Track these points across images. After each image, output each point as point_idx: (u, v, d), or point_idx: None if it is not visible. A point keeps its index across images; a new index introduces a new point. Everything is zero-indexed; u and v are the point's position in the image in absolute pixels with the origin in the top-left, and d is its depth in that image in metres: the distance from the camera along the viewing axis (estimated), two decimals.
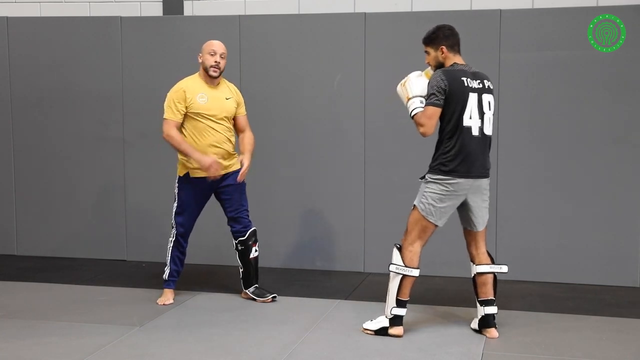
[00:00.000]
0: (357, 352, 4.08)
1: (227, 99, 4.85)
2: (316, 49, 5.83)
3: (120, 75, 6.14)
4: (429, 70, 4.37)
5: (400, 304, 4.26)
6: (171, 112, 4.75)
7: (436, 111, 4.14)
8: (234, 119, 4.91)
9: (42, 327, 4.55)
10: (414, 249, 4.24)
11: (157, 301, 4.94)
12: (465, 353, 4.06)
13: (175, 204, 4.91)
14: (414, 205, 4.30)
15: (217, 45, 4.77)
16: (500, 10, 5.51)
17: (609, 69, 5.39)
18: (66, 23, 6.22)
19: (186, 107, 4.73)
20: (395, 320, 4.27)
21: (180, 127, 4.79)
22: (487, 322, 4.33)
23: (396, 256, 4.27)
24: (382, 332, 4.30)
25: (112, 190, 6.25)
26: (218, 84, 4.83)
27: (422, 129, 4.17)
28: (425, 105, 4.17)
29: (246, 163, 4.90)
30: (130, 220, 6.25)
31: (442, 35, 4.25)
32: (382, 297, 5.09)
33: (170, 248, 4.95)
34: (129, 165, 6.21)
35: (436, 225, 4.25)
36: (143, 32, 6.11)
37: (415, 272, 4.24)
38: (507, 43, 5.49)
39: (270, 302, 4.98)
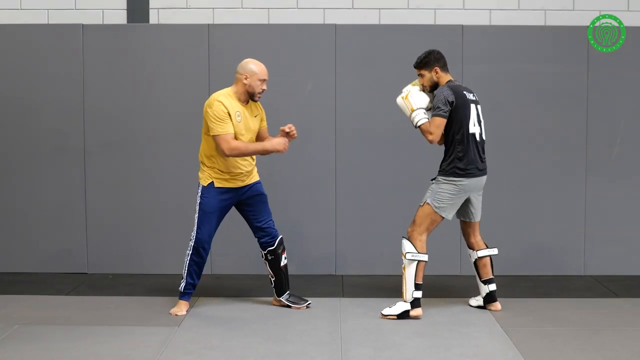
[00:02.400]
0: (400, 334, 4.46)
1: (254, 116, 4.88)
2: (287, 59, 6.01)
3: (82, 84, 6.01)
4: (417, 82, 4.94)
5: (417, 287, 4.74)
6: (225, 126, 4.66)
7: (443, 122, 4.72)
8: (258, 132, 4.95)
9: (86, 331, 4.48)
10: (423, 238, 4.77)
11: (170, 311, 4.89)
12: (486, 332, 4.46)
13: (197, 215, 4.83)
14: (426, 202, 4.79)
15: (266, 73, 4.79)
16: (462, 25, 5.99)
17: (558, 81, 6.00)
18: (23, 31, 6.02)
19: None
20: (415, 303, 4.74)
21: (208, 144, 4.79)
22: (492, 297, 4.96)
23: (408, 246, 4.76)
24: (404, 315, 4.74)
25: (72, 202, 6.07)
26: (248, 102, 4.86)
27: (431, 137, 4.75)
28: (434, 116, 4.73)
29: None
30: (91, 233, 6.09)
31: (433, 58, 4.86)
32: (371, 294, 5.38)
33: (188, 261, 4.85)
34: (90, 176, 6.07)
35: (443, 218, 4.78)
36: (106, 40, 6.03)
37: (427, 257, 4.78)
38: (469, 56, 5.96)
39: (304, 309, 5.05)
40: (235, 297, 5.31)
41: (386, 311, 4.80)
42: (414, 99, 4.81)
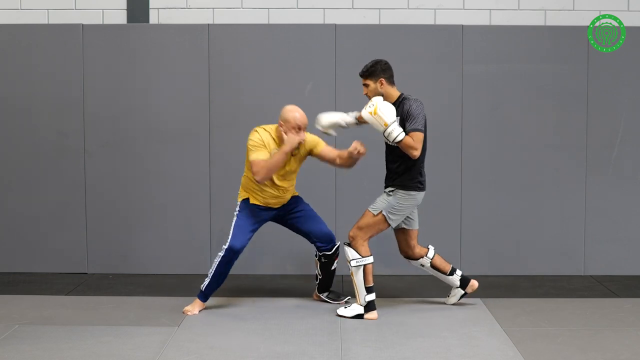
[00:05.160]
0: (402, 335, 4.47)
1: (292, 155, 4.88)
2: (287, 59, 6.01)
3: (82, 84, 6.01)
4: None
5: (369, 290, 4.79)
6: (257, 153, 4.74)
7: (422, 136, 4.70)
8: (322, 156, 4.96)
9: (86, 331, 4.49)
10: (366, 243, 4.82)
11: (184, 309, 4.90)
12: (486, 332, 4.47)
13: (233, 224, 4.91)
14: (380, 212, 4.80)
15: (303, 120, 4.80)
16: (462, 25, 5.99)
17: (558, 81, 5.99)
18: (23, 31, 6.02)
19: None
20: (370, 306, 4.79)
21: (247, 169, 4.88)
22: (466, 280, 5.03)
23: (352, 252, 4.80)
24: (357, 318, 4.79)
25: (72, 202, 6.07)
26: None
27: (415, 152, 4.70)
28: (414, 131, 4.67)
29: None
30: (91, 233, 6.09)
31: (380, 68, 4.80)
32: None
33: (217, 266, 4.87)
34: (90, 176, 6.07)
35: (388, 226, 4.85)
36: (106, 40, 6.03)
37: (372, 259, 4.84)
38: (469, 56, 5.96)
39: (343, 304, 5.11)
40: (235, 297, 5.31)
41: (341, 311, 4.86)
42: (384, 113, 4.64)
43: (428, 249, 5.01)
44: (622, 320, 4.76)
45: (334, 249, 5.08)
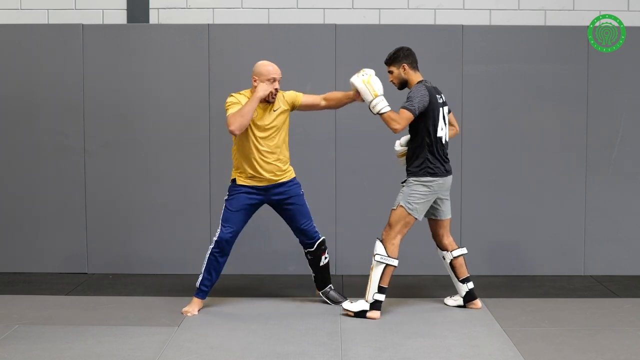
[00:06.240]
0: (402, 335, 4.45)
1: (274, 111, 4.86)
2: (287, 59, 5.96)
3: (82, 84, 6.02)
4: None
5: (381, 290, 4.78)
6: (233, 108, 4.69)
7: (411, 117, 4.73)
8: (304, 105, 4.99)
9: (86, 331, 4.50)
10: (396, 242, 4.80)
11: (183, 310, 4.89)
12: (486, 332, 4.47)
13: (222, 214, 4.88)
14: (399, 204, 4.82)
15: (276, 71, 4.82)
16: (462, 25, 6.00)
17: (558, 81, 6.00)
18: (23, 31, 6.02)
19: None
20: (375, 305, 4.78)
21: (234, 145, 4.88)
22: (472, 295, 5.02)
23: (380, 248, 4.80)
24: (361, 314, 4.80)
25: (72, 202, 6.07)
26: None
27: (397, 126, 4.73)
28: (405, 109, 4.73)
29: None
30: (91, 233, 6.09)
31: (402, 54, 4.90)
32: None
33: (208, 256, 4.88)
34: (90, 176, 6.07)
35: (416, 219, 4.82)
36: (106, 40, 6.04)
37: (396, 262, 4.79)
38: (469, 56, 5.97)
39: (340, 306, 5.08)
40: (235, 297, 5.31)
41: (346, 305, 4.87)
42: (375, 84, 4.79)
43: (458, 248, 5.03)
44: (622, 320, 4.76)
45: (315, 245, 5.06)
